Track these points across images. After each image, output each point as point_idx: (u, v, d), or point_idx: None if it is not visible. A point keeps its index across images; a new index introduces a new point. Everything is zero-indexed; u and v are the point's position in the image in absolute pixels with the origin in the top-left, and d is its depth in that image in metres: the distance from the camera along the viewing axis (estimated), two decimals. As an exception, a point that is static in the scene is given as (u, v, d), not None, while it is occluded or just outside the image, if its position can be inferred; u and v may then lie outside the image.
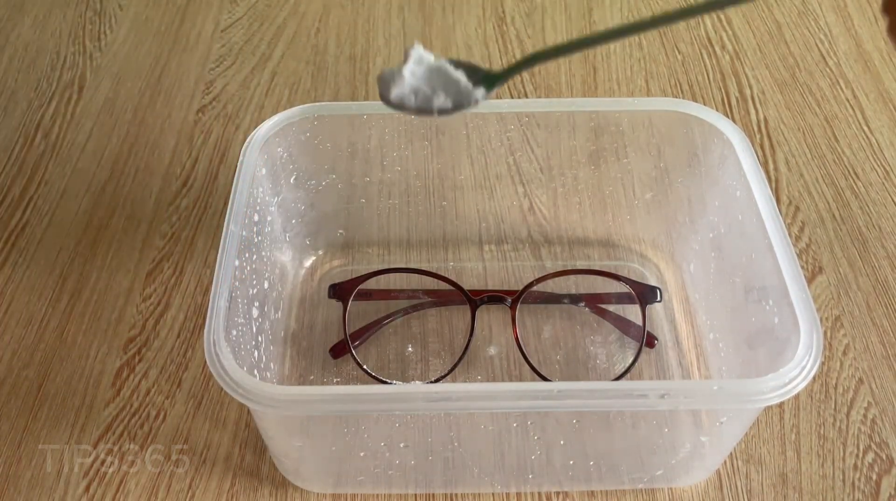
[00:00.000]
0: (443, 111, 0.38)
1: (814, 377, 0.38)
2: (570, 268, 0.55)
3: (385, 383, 0.50)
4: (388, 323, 0.53)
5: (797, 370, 0.38)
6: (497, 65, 0.71)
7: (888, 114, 0.67)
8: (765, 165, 0.63)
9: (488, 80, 0.38)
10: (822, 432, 0.49)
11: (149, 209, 0.61)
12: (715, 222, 0.51)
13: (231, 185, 0.46)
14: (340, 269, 0.57)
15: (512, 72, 0.38)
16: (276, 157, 0.51)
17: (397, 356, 0.52)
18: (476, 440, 0.45)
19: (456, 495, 0.47)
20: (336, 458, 0.46)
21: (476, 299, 0.52)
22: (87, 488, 0.47)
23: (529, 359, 0.50)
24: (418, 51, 0.38)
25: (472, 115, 0.51)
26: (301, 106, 0.50)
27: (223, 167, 0.63)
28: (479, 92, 0.37)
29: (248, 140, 0.48)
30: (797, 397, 0.50)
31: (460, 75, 0.37)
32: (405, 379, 0.51)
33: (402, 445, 0.45)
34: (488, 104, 0.53)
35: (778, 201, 0.60)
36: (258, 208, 0.48)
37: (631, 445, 0.46)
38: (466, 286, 0.53)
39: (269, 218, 0.50)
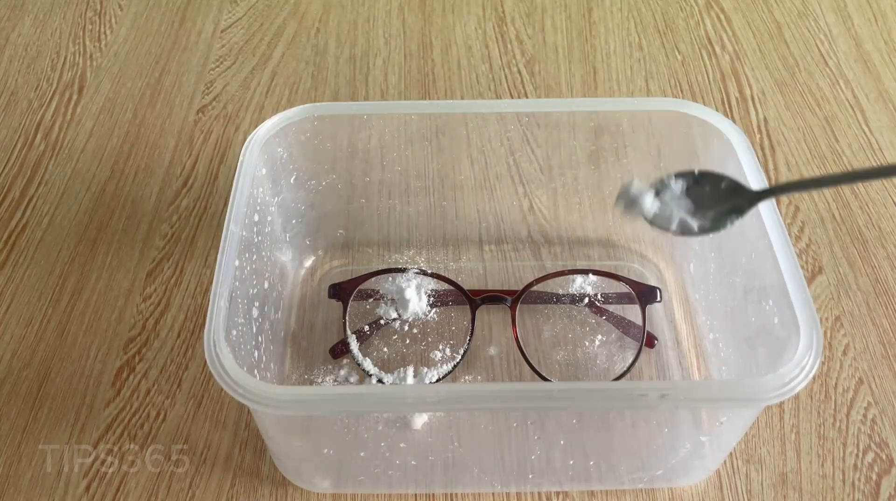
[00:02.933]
0: (702, 230, 0.40)
1: (814, 377, 0.38)
2: (570, 268, 0.55)
3: (385, 383, 0.50)
4: (388, 323, 0.53)
5: (797, 370, 0.38)
6: (497, 65, 0.71)
7: (888, 114, 0.67)
8: (765, 165, 0.63)
9: (742, 199, 0.40)
10: (822, 432, 0.49)
11: (149, 209, 0.61)
12: (715, 222, 0.51)
13: (231, 185, 0.46)
14: (340, 269, 0.57)
15: (766, 195, 0.41)
16: (276, 157, 0.51)
17: (397, 356, 0.52)
18: (476, 440, 0.45)
19: (456, 495, 0.47)
20: (336, 458, 0.46)
21: (476, 299, 0.52)
22: (87, 488, 0.47)
23: (529, 359, 0.50)
24: (672, 180, 0.41)
25: (472, 115, 0.51)
26: (301, 106, 0.50)
27: (223, 167, 0.63)
28: (731, 218, 0.40)
29: (248, 140, 0.48)
30: (797, 397, 0.50)
31: (693, 204, 0.40)
32: (405, 380, 0.51)
33: (402, 445, 0.45)
34: (488, 104, 0.54)
35: (778, 201, 0.60)
36: (258, 208, 0.48)
37: (631, 445, 0.46)
38: (466, 286, 0.53)
39: (269, 218, 0.50)
